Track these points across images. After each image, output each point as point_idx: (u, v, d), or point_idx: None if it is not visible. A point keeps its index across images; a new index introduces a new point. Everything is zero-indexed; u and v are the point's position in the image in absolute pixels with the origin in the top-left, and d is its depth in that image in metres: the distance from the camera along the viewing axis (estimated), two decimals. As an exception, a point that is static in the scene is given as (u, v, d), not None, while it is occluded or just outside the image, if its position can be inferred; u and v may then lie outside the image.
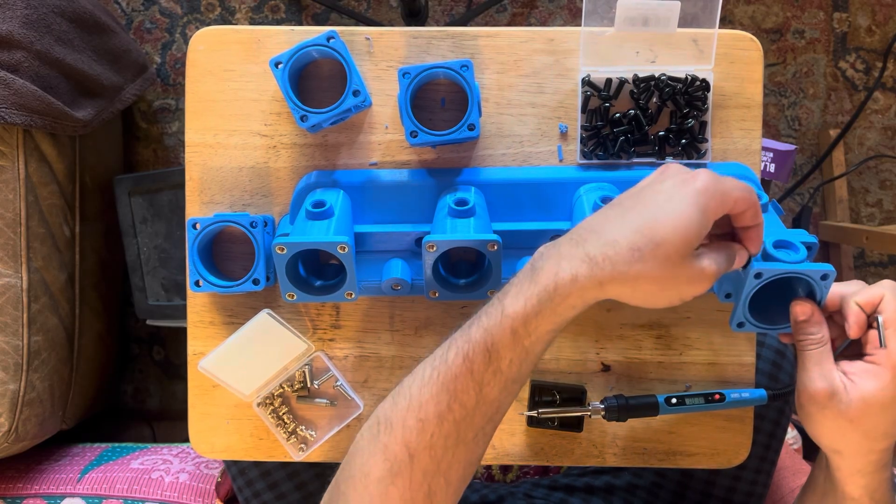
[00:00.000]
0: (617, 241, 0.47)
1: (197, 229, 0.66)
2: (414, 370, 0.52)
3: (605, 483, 0.87)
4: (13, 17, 0.97)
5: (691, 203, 0.47)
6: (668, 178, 0.50)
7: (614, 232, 0.47)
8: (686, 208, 0.47)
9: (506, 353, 0.48)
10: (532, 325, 0.48)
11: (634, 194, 0.50)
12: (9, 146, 1.00)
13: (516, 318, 0.48)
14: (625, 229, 0.47)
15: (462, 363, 0.48)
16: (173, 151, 1.47)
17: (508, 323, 0.48)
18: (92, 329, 1.24)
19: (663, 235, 0.46)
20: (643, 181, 0.52)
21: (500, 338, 0.48)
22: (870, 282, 0.55)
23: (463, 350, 0.49)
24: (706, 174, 0.49)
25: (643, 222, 0.47)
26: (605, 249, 0.47)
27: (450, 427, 0.49)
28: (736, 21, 1.44)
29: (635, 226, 0.47)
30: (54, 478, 1.06)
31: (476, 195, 0.66)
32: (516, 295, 0.48)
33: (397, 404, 0.50)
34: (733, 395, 0.67)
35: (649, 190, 0.49)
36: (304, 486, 0.79)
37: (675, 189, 0.48)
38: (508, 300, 0.49)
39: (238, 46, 0.70)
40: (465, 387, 0.49)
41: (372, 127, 0.70)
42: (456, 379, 0.48)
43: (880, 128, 1.45)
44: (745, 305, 0.57)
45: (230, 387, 0.69)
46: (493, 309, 0.49)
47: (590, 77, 0.68)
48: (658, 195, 0.48)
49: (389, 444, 0.49)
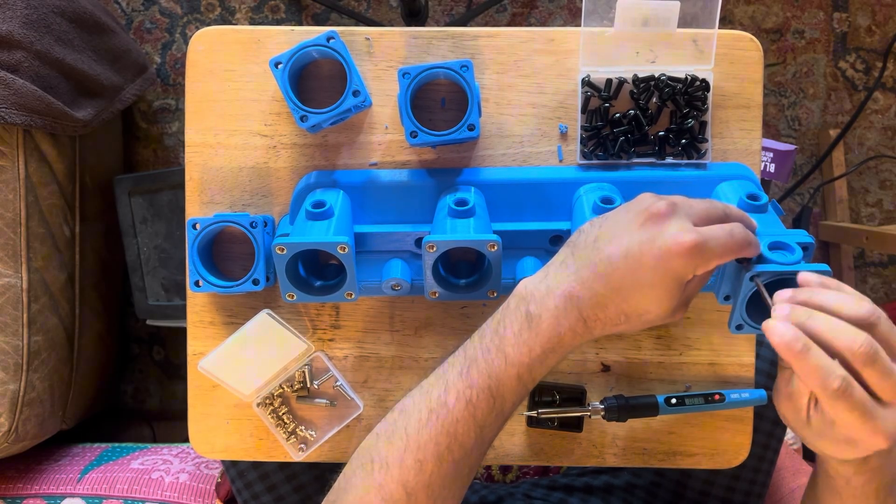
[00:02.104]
0: (606, 306, 0.50)
1: (197, 229, 0.66)
2: (403, 407, 0.52)
3: (603, 483, 0.87)
4: (13, 17, 0.97)
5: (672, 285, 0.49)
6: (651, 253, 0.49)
7: (603, 294, 0.50)
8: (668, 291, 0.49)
9: (510, 396, 0.51)
10: (536, 371, 0.51)
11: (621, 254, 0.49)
12: (9, 146, 1.00)
13: (521, 366, 0.50)
14: (612, 294, 0.49)
15: (465, 408, 0.50)
16: (173, 151, 1.48)
17: (514, 371, 0.50)
18: (92, 329, 1.24)
19: (647, 309, 0.50)
20: (622, 218, 0.51)
21: (506, 384, 0.50)
22: (870, 282, 0.55)
23: (465, 395, 0.50)
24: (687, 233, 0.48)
25: (628, 293, 0.49)
26: (596, 311, 0.50)
27: (448, 467, 0.50)
28: (736, 21, 1.44)
29: (622, 294, 0.49)
30: (54, 478, 1.06)
31: (476, 195, 0.66)
32: (517, 344, 0.50)
33: (393, 444, 0.50)
34: (733, 395, 0.68)
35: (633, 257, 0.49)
36: (302, 489, 0.79)
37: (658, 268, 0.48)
38: (510, 349, 0.50)
39: (238, 46, 0.70)
40: (467, 430, 0.50)
41: (372, 127, 0.70)
42: (457, 423, 0.50)
43: (880, 128, 1.45)
44: (742, 308, 0.57)
45: (230, 387, 0.69)
46: (492, 356, 0.51)
47: (590, 77, 0.68)
48: (640, 271, 0.49)
49: (386, 483, 0.50)
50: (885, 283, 1.46)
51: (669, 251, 0.48)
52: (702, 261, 0.49)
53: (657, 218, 0.49)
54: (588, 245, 0.51)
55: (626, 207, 0.52)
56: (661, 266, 0.48)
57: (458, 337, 0.71)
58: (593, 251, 0.51)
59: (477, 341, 0.52)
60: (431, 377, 0.53)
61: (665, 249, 0.48)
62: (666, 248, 0.48)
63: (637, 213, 0.50)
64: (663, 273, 0.49)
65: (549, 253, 0.67)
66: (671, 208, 0.50)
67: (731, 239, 0.50)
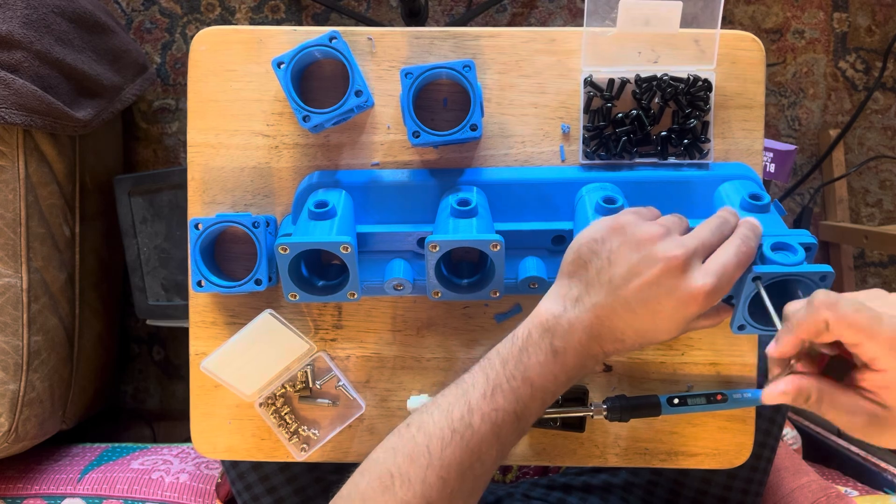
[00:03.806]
0: (624, 340, 0.54)
1: (199, 229, 0.66)
2: (421, 425, 0.53)
3: (602, 481, 0.87)
4: (13, 17, 0.96)
5: (687, 322, 0.53)
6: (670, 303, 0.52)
7: (622, 331, 0.53)
8: (682, 325, 0.53)
9: (532, 417, 0.54)
10: (559, 393, 0.55)
11: (639, 301, 0.52)
12: (9, 146, 1.00)
13: (546, 392, 0.53)
14: (631, 332, 0.53)
15: (490, 429, 0.52)
16: (173, 151, 1.47)
17: (539, 396, 0.53)
18: (92, 329, 1.24)
19: (661, 338, 0.54)
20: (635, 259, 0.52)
21: (531, 407, 0.53)
22: (870, 282, 0.55)
23: (490, 418, 0.52)
24: (706, 279, 0.51)
25: (646, 331, 0.53)
26: (615, 345, 0.54)
27: (470, 483, 0.52)
28: (736, 21, 1.45)
29: (640, 332, 0.53)
30: (54, 478, 1.06)
31: (478, 195, 0.66)
32: (543, 374, 0.53)
33: (415, 461, 0.51)
34: (735, 395, 0.68)
35: (651, 305, 0.52)
36: (303, 491, 0.79)
37: (676, 313, 0.52)
38: (536, 377, 0.53)
39: (240, 46, 0.70)
40: (490, 448, 0.52)
41: (374, 127, 0.70)
42: (481, 443, 0.52)
43: (880, 128, 1.45)
44: (744, 308, 0.57)
45: (232, 387, 0.69)
46: (518, 383, 0.53)
47: (592, 77, 0.68)
48: (659, 315, 0.52)
49: (409, 499, 0.51)
50: (885, 283, 1.46)
51: (688, 301, 0.51)
52: (716, 298, 0.52)
53: (675, 271, 0.51)
54: (603, 283, 0.53)
55: (637, 242, 0.53)
56: (679, 312, 0.52)
57: (461, 337, 0.71)
58: (610, 293, 0.53)
59: (499, 367, 0.53)
60: (449, 396, 0.54)
61: (684, 301, 0.51)
62: (685, 299, 0.51)
63: (652, 261, 0.52)
64: (682, 317, 0.52)
65: (552, 253, 0.67)
66: (688, 256, 0.52)
67: (740, 269, 0.53)
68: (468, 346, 0.71)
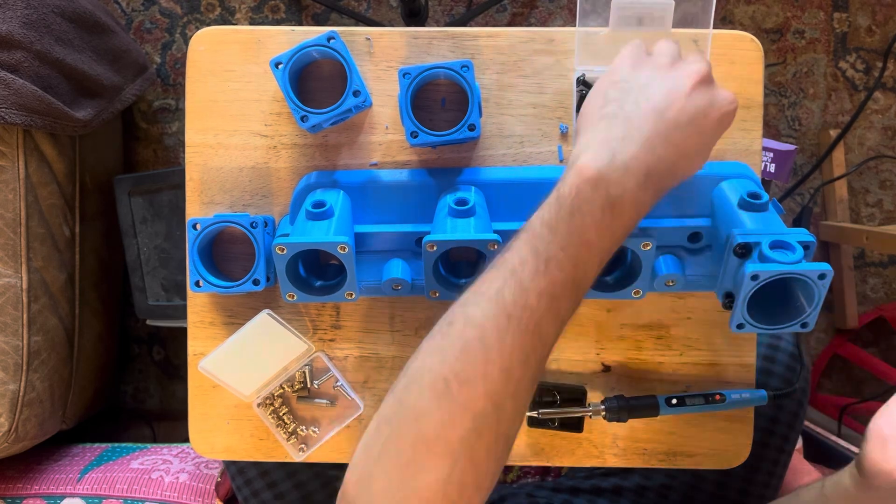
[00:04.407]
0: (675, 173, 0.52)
1: (197, 230, 0.66)
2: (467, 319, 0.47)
3: (612, 485, 0.86)
4: (13, 17, 0.97)
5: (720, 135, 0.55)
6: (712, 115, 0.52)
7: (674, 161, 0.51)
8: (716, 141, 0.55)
9: (589, 282, 0.50)
10: (613, 251, 0.51)
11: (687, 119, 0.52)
12: (9, 146, 1.00)
13: (604, 251, 0.50)
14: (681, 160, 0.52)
15: (549, 306, 0.47)
16: (173, 151, 1.47)
17: (598, 258, 0.49)
18: (92, 329, 1.24)
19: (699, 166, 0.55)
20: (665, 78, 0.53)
21: (590, 271, 0.49)
22: (870, 282, 0.55)
23: (548, 292, 0.47)
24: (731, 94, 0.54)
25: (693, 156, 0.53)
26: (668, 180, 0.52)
27: (534, 368, 0.48)
28: (736, 21, 1.44)
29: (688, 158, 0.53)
30: (54, 478, 1.06)
31: (476, 195, 0.66)
32: (600, 231, 0.49)
33: (470, 359, 0.46)
34: (734, 395, 0.68)
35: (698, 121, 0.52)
36: (303, 486, 0.79)
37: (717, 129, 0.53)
38: (594, 237, 0.48)
39: (238, 47, 0.70)
40: (550, 325, 0.48)
41: (372, 127, 0.70)
42: (541, 321, 0.47)
43: (880, 128, 1.45)
44: (743, 307, 0.57)
45: (230, 387, 0.69)
46: (575, 248, 0.48)
47: (584, 77, 0.68)
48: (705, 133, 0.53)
49: (473, 399, 0.45)
50: (885, 283, 1.46)
51: (728, 113, 0.53)
52: None
53: (707, 81, 0.53)
54: (646, 113, 0.51)
55: (656, 63, 0.54)
56: (719, 127, 0.53)
57: (459, 337, 0.70)
58: (658, 119, 0.51)
59: (548, 236, 0.48)
60: (495, 282, 0.48)
61: (724, 112, 0.53)
62: (724, 110, 0.53)
63: (685, 75, 0.53)
64: (720, 132, 0.54)
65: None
66: (709, 67, 0.54)
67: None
68: (466, 346, 0.71)
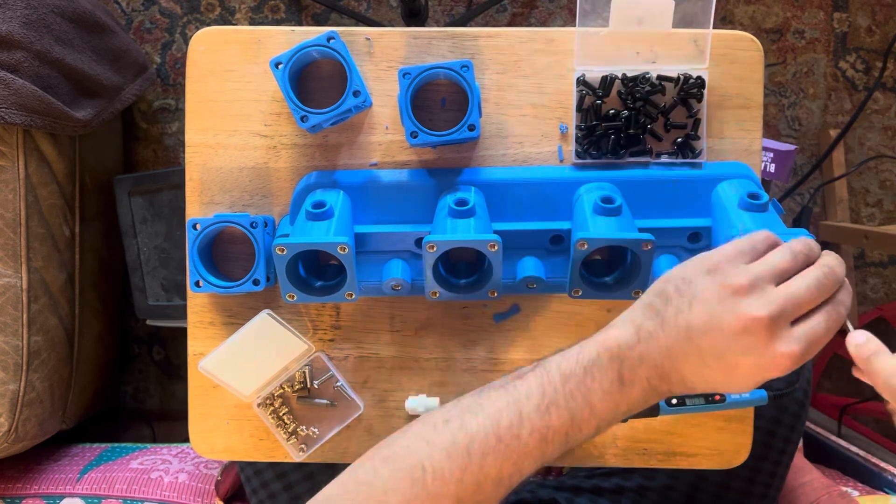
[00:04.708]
0: (693, 388, 0.51)
1: (197, 230, 0.66)
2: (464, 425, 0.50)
3: (614, 485, 0.86)
4: (13, 17, 0.96)
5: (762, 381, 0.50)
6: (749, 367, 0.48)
7: (691, 379, 0.51)
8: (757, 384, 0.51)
9: (581, 441, 0.52)
10: (613, 425, 0.53)
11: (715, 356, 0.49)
12: (9, 146, 1.00)
13: (603, 420, 0.51)
14: (699, 381, 0.51)
15: (537, 445, 0.50)
16: (173, 151, 1.47)
17: (595, 422, 0.51)
18: (92, 329, 1.24)
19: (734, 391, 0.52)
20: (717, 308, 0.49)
21: (584, 431, 0.51)
22: (870, 282, 0.55)
23: (540, 433, 0.50)
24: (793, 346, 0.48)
25: (718, 383, 0.51)
26: (681, 388, 0.51)
27: (504, 490, 0.51)
28: (736, 21, 1.44)
29: (711, 383, 0.51)
30: (54, 478, 1.06)
31: (476, 195, 0.66)
32: (605, 400, 0.50)
33: (452, 459, 0.49)
34: (733, 395, 0.67)
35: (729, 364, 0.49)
36: (318, 487, 0.79)
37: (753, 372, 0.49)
38: (598, 402, 0.50)
39: (238, 47, 0.70)
40: (532, 462, 0.51)
41: (372, 127, 0.70)
42: (525, 456, 0.50)
43: (880, 128, 1.45)
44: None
45: (230, 387, 0.69)
46: (577, 404, 0.50)
47: (585, 76, 0.68)
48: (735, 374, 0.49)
49: (440, 495, 0.49)
50: (885, 283, 1.46)
51: (769, 366, 0.48)
52: (799, 364, 0.48)
53: (758, 332, 0.47)
54: (680, 328, 0.50)
55: (724, 291, 0.48)
56: (757, 373, 0.49)
57: (459, 337, 0.71)
58: (685, 340, 0.49)
59: (559, 382, 0.51)
60: (497, 402, 0.51)
61: (762, 365, 0.48)
62: (765, 363, 0.48)
63: (734, 317, 0.48)
64: (760, 378, 0.49)
65: (550, 252, 0.67)
66: (773, 317, 0.47)
67: (829, 337, 0.49)
68: (466, 347, 0.71)
